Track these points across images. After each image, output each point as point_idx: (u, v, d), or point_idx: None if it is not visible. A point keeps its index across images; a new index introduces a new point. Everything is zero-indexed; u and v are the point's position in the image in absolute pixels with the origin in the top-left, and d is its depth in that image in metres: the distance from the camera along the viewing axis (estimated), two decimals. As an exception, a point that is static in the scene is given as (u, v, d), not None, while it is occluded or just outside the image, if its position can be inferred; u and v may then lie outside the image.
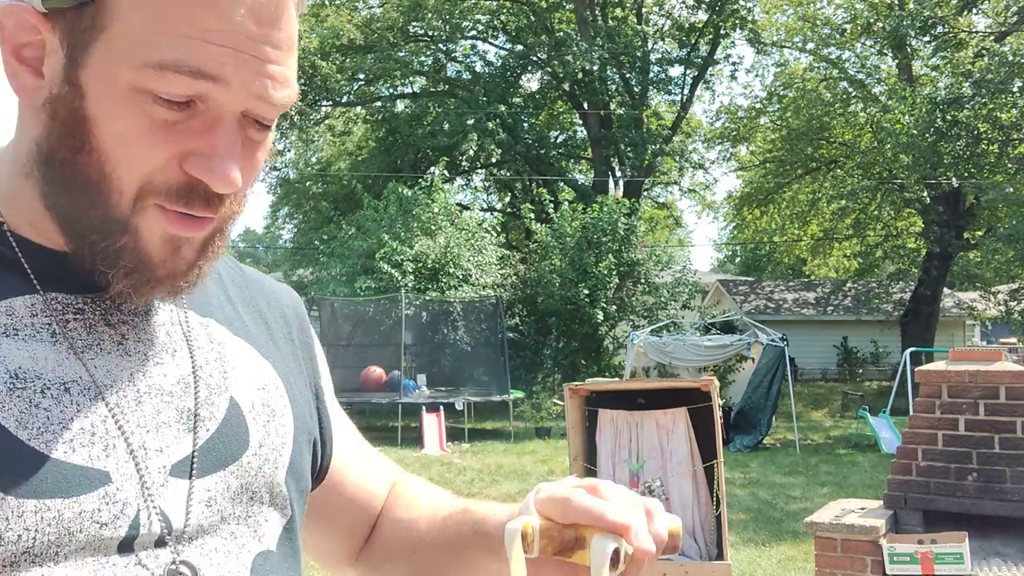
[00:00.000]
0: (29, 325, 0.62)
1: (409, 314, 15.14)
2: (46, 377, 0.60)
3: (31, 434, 0.58)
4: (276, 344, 0.80)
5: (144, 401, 0.65)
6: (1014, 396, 3.87)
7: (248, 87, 0.60)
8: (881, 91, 21.48)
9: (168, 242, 0.63)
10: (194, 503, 0.65)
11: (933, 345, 18.80)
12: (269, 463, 0.72)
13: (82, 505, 0.58)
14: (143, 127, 0.59)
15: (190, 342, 0.70)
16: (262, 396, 0.73)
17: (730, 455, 11.48)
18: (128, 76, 0.58)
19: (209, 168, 0.60)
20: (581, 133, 26.92)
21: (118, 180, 0.60)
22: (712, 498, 4.11)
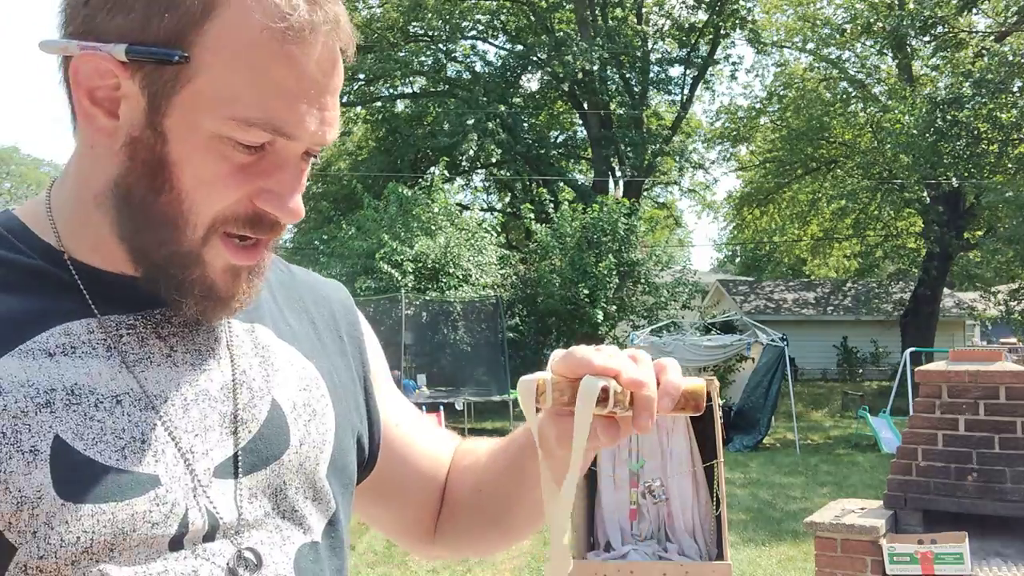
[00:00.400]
0: (86, 343, 0.67)
1: (409, 314, 15.14)
2: (99, 391, 0.66)
3: (86, 444, 0.64)
4: (322, 343, 0.85)
5: (191, 408, 0.70)
6: (1014, 396, 3.87)
7: (312, 136, 0.67)
8: (881, 91, 21.48)
9: (228, 271, 0.69)
10: (238, 500, 0.71)
11: (933, 345, 18.79)
12: (310, 460, 0.77)
13: (134, 507, 0.64)
14: (223, 171, 0.66)
15: (232, 349, 0.75)
16: (304, 396, 0.78)
17: (730, 455, 11.48)
18: (212, 125, 0.64)
19: (280, 204, 0.68)
20: (581, 133, 26.92)
21: (194, 216, 0.66)
22: (712, 498, 4.11)
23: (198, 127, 0.64)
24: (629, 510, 4.19)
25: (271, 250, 0.74)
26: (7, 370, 0.63)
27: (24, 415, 0.63)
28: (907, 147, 17.31)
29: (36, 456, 0.62)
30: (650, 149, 23.37)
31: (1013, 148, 17.24)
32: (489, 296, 16.31)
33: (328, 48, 0.67)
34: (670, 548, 4.12)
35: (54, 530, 0.61)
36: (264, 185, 0.67)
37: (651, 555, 4.07)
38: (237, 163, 0.66)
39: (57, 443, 0.63)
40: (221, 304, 0.70)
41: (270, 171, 0.67)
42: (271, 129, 0.65)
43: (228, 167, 0.65)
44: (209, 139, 0.65)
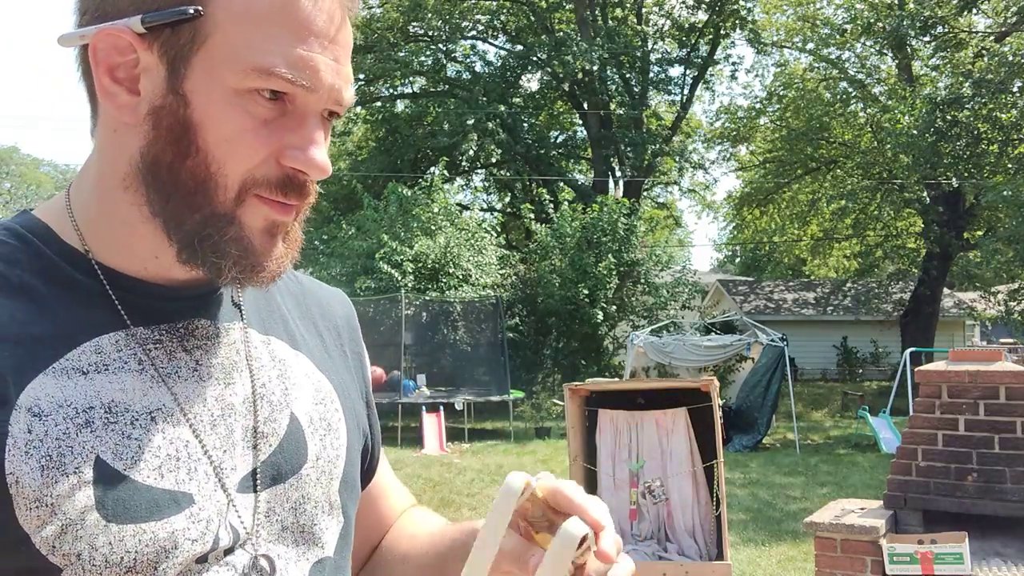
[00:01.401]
0: (117, 359, 0.68)
1: (409, 314, 15.14)
2: (134, 408, 0.67)
3: (126, 464, 0.65)
4: (330, 356, 0.86)
5: (218, 423, 0.71)
6: (1014, 396, 3.87)
7: (330, 91, 0.68)
8: (881, 91, 21.47)
9: (267, 231, 0.69)
10: (257, 515, 0.72)
11: (933, 345, 18.79)
12: (326, 475, 0.78)
13: (173, 525, 0.65)
14: (247, 126, 0.66)
15: (251, 362, 0.76)
16: (319, 411, 0.79)
17: (730, 455, 11.48)
18: (232, 79, 0.65)
19: (306, 159, 0.68)
20: (581, 133, 26.92)
21: (223, 177, 0.66)
22: (712, 498, 4.11)
23: (218, 84, 0.65)
24: (629, 510, 4.19)
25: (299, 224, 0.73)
26: (44, 390, 0.64)
27: (67, 436, 0.63)
28: (907, 147, 17.30)
29: (80, 478, 0.63)
30: (650, 149, 23.36)
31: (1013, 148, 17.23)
32: (489, 296, 16.31)
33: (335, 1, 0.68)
34: (670, 548, 4.11)
35: (98, 551, 0.62)
36: (288, 141, 0.67)
37: (651, 555, 4.07)
38: (260, 118, 0.66)
39: (99, 464, 0.64)
40: (259, 268, 0.69)
41: (292, 127, 0.68)
42: (290, 78, 0.65)
43: (251, 122, 0.66)
44: (230, 95, 0.65)
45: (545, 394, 16.90)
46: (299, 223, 0.73)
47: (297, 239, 0.73)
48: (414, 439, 12.92)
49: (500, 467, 10.76)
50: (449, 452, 12.22)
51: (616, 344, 17.84)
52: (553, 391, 16.83)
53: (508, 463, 11.09)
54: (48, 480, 0.61)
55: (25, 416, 0.62)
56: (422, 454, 11.89)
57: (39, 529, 0.61)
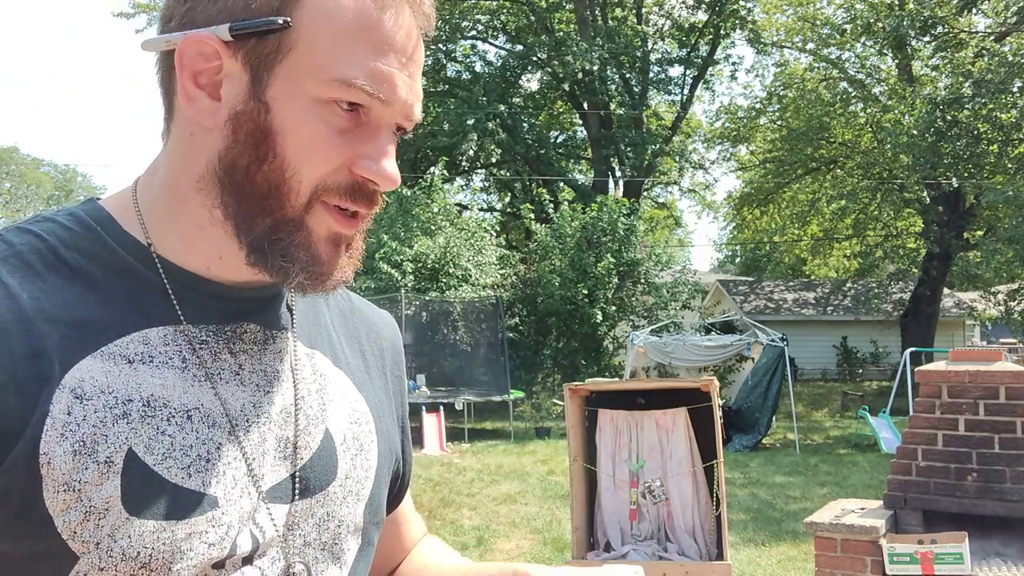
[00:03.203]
0: (162, 352, 0.69)
1: (409, 314, 15.14)
2: (172, 404, 0.67)
3: (156, 460, 0.65)
4: (371, 377, 0.86)
5: (252, 429, 0.71)
6: (1014, 396, 3.87)
7: (403, 106, 0.70)
8: (881, 91, 21.46)
9: (331, 240, 0.70)
10: (280, 527, 0.72)
11: (933, 345, 18.79)
12: (352, 495, 0.78)
13: (192, 527, 0.65)
14: (324, 135, 0.67)
15: (295, 373, 0.77)
16: (354, 430, 0.80)
17: (730, 455, 11.48)
18: (314, 89, 0.67)
19: (378, 169, 0.69)
20: (581, 133, 26.92)
21: (297, 183, 0.68)
22: (712, 498, 4.11)
23: (300, 93, 0.67)
24: (629, 510, 4.19)
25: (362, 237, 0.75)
26: (90, 372, 0.64)
27: (103, 425, 0.63)
28: (907, 147, 17.30)
29: (110, 468, 0.63)
30: (650, 149, 23.37)
31: (1013, 148, 17.23)
32: (489, 296, 16.31)
33: (412, 19, 0.71)
34: (670, 548, 4.11)
35: (117, 543, 0.62)
36: (361, 151, 0.69)
37: (651, 555, 4.07)
38: (336, 128, 0.68)
39: (129, 456, 0.64)
40: (324, 276, 0.71)
41: (366, 138, 0.69)
42: (369, 90, 0.67)
43: (328, 131, 0.67)
44: (311, 104, 0.67)
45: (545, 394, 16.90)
46: (362, 234, 0.75)
47: (359, 249, 0.75)
48: (414, 439, 12.92)
49: (500, 467, 10.77)
50: (449, 452, 12.22)
51: (616, 344, 17.84)
52: (553, 391, 16.83)
53: (508, 463, 11.09)
54: (78, 465, 0.62)
55: (67, 397, 0.63)
56: (422, 454, 11.89)
57: (63, 513, 0.61)
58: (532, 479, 9.90)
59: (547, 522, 7.77)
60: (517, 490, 9.25)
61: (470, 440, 13.30)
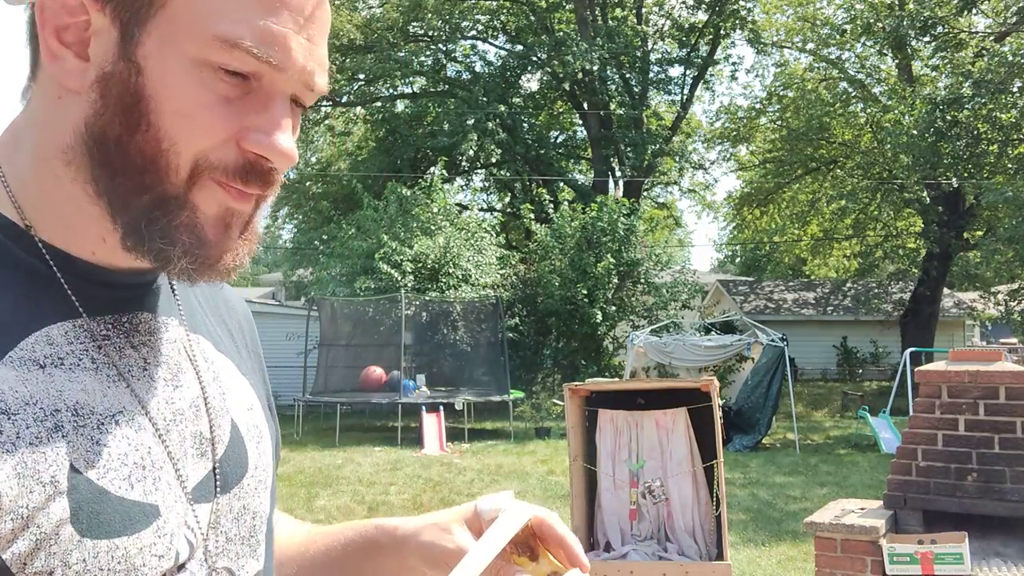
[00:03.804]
0: (71, 353, 0.62)
1: (409, 314, 15.14)
2: (98, 410, 0.61)
3: (99, 474, 0.59)
4: (243, 358, 0.80)
5: (172, 428, 0.66)
6: (1014, 396, 3.87)
7: (301, 72, 0.62)
8: (881, 91, 21.47)
9: (221, 219, 0.63)
10: (206, 527, 0.67)
11: (933, 345, 18.80)
12: (262, 484, 0.74)
13: (142, 541, 0.61)
14: (205, 101, 0.59)
15: (193, 362, 0.71)
16: (251, 417, 0.75)
17: (730, 455, 11.48)
18: (192, 48, 0.58)
19: (270, 143, 0.61)
20: (581, 133, 26.92)
21: (175, 156, 0.59)
22: (712, 498, 4.11)
23: (176, 53, 0.59)
24: (629, 510, 4.19)
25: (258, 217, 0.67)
26: (7, 383, 0.58)
27: (39, 441, 0.57)
28: (907, 147, 17.31)
29: (55, 488, 0.57)
30: (650, 149, 23.37)
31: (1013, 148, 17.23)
32: (489, 296, 16.31)
33: None
34: (670, 548, 4.11)
35: (71, 569, 0.57)
36: (251, 122, 0.61)
37: (651, 555, 4.07)
38: (220, 94, 0.59)
39: (72, 473, 0.58)
40: (212, 260, 0.63)
41: (257, 108, 0.61)
42: (257, 53, 0.59)
43: (210, 97, 0.59)
44: (189, 66, 0.59)
45: (545, 394, 16.90)
46: (260, 215, 0.67)
47: (256, 232, 0.67)
48: (414, 439, 12.92)
49: (500, 467, 10.76)
50: (449, 452, 12.22)
51: (616, 344, 17.84)
52: (553, 391, 16.83)
53: (508, 463, 11.09)
54: (23, 489, 0.56)
55: None
56: (422, 454, 11.89)
57: (10, 544, 0.55)
58: (532, 479, 9.90)
59: (547, 522, 7.76)
60: (517, 490, 9.25)
61: (470, 440, 13.29)
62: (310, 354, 15.62)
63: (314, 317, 16.01)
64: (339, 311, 16.15)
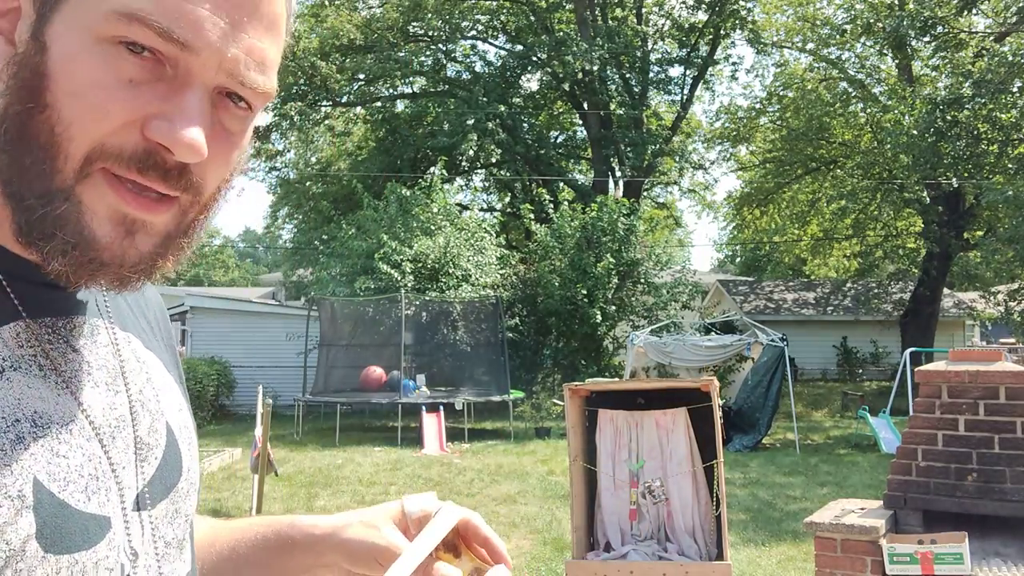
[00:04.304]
0: (21, 357, 0.59)
1: (409, 314, 15.14)
2: (54, 420, 0.59)
3: (60, 487, 0.58)
4: (163, 351, 0.77)
5: (116, 436, 0.64)
6: (1014, 396, 3.87)
7: (219, 56, 0.56)
8: (881, 91, 21.47)
9: (118, 222, 0.57)
10: (147, 535, 0.66)
11: (933, 345, 18.80)
12: (193, 486, 0.73)
13: (98, 554, 0.59)
14: (104, 81, 0.55)
15: (124, 366, 0.68)
16: (181, 418, 0.73)
17: (730, 455, 11.48)
18: (94, 25, 0.55)
19: (172, 131, 0.56)
20: (581, 133, 26.92)
21: (67, 141, 0.55)
22: (712, 498, 4.11)
23: (79, 30, 0.55)
24: (629, 510, 4.19)
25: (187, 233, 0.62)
26: None
27: (3, 454, 0.55)
28: (907, 147, 17.31)
29: (23, 503, 0.55)
30: (650, 149, 23.37)
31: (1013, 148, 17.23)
32: (489, 296, 16.31)
33: None
34: (670, 548, 4.11)
35: None
36: (157, 109, 0.56)
37: (651, 555, 4.07)
38: (123, 76, 0.55)
39: (36, 486, 0.56)
40: (99, 264, 0.58)
41: (167, 95, 0.56)
42: (156, 25, 0.54)
43: (109, 77, 0.55)
44: (91, 43, 0.55)
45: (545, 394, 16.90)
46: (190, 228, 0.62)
47: (183, 249, 0.62)
48: (414, 439, 12.92)
49: (500, 467, 10.76)
50: (449, 452, 12.22)
51: (616, 344, 17.85)
52: (553, 391, 16.83)
53: (508, 463, 11.09)
54: None
55: None
56: (422, 454, 11.89)
57: None
58: (532, 479, 9.90)
59: (547, 522, 7.77)
60: (517, 490, 9.25)
61: (470, 440, 13.29)
62: (310, 354, 15.62)
63: (314, 317, 16.02)
64: (339, 311, 16.15)
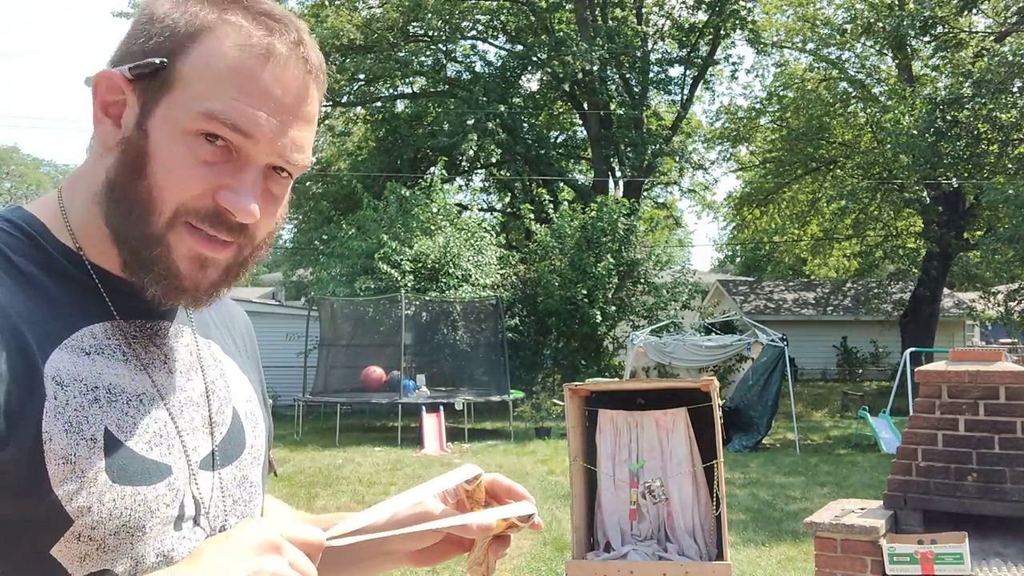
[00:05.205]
0: (107, 347, 0.81)
1: (409, 314, 15.13)
2: (127, 391, 0.80)
3: (126, 436, 0.78)
4: (243, 359, 1.01)
5: (184, 409, 0.86)
6: (1014, 396, 3.87)
7: (272, 145, 0.80)
8: (881, 91, 21.47)
9: (195, 260, 0.80)
10: (215, 489, 0.86)
11: (933, 345, 18.79)
12: (256, 460, 0.94)
13: (157, 491, 0.79)
14: (188, 161, 0.78)
15: (202, 362, 0.91)
16: (249, 407, 0.96)
17: (730, 455, 11.48)
18: (183, 122, 0.78)
19: (235, 200, 0.79)
20: (581, 133, 26.91)
21: (161, 202, 0.78)
22: (712, 498, 4.11)
23: (173, 123, 0.78)
24: (629, 510, 4.18)
25: (244, 266, 0.85)
26: (62, 363, 0.76)
27: (82, 408, 0.76)
28: (907, 147, 17.30)
29: (95, 444, 0.75)
30: (650, 149, 23.36)
31: (1013, 148, 17.23)
32: (489, 296, 16.30)
33: (293, 74, 0.80)
34: (670, 548, 4.11)
35: (104, 507, 0.74)
36: (225, 183, 0.79)
37: (651, 555, 4.07)
38: (201, 158, 0.78)
39: (107, 434, 0.76)
40: (181, 291, 0.81)
41: (233, 172, 0.79)
42: (227, 121, 0.77)
43: (192, 160, 0.78)
44: (179, 134, 0.78)
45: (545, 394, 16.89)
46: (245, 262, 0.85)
47: (239, 277, 0.86)
48: (414, 439, 12.92)
49: (500, 467, 10.76)
50: (449, 452, 12.21)
51: (616, 344, 17.84)
52: (553, 391, 16.82)
53: (508, 463, 11.09)
54: (71, 441, 0.74)
55: (52, 384, 0.75)
56: (422, 454, 11.89)
57: (62, 483, 0.72)
58: (532, 479, 9.90)
59: (547, 522, 7.77)
60: (517, 490, 9.25)
61: (470, 440, 13.29)
62: (310, 354, 15.61)
63: (314, 317, 16.01)
64: (339, 311, 16.15)
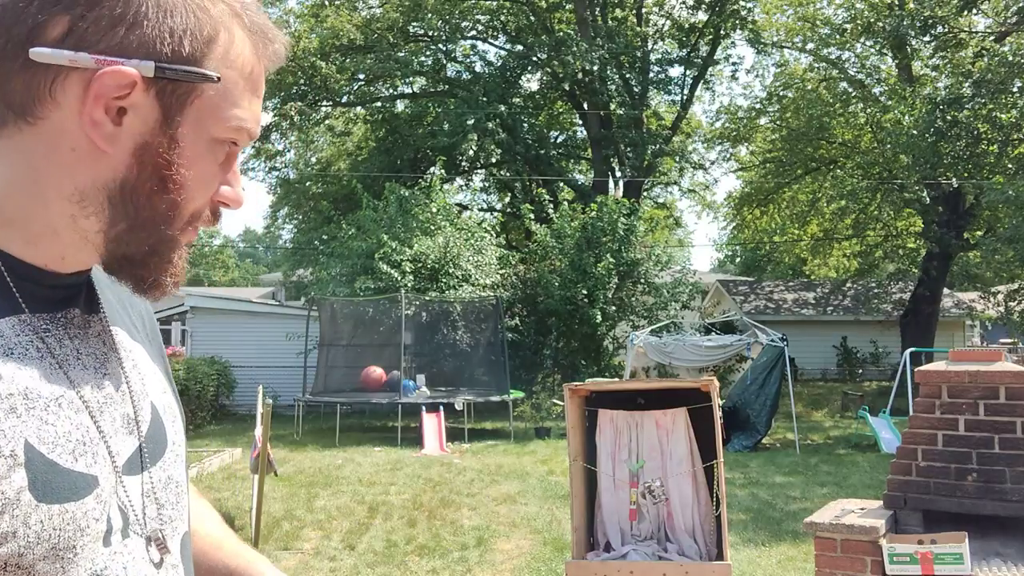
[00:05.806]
0: (18, 344, 0.72)
1: (409, 314, 15.13)
2: (44, 395, 0.72)
3: (49, 448, 0.70)
4: (149, 344, 0.93)
5: (105, 409, 0.77)
6: (1014, 396, 3.87)
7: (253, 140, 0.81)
8: (881, 91, 21.46)
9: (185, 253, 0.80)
10: (142, 496, 0.80)
11: (933, 345, 18.79)
12: (179, 457, 0.88)
13: (86, 506, 0.71)
14: (213, 168, 0.78)
15: (116, 352, 0.83)
16: (165, 399, 0.88)
17: (730, 455, 11.48)
18: (215, 131, 0.76)
19: (235, 195, 0.80)
20: (581, 133, 26.92)
21: (184, 209, 0.77)
22: (712, 498, 4.11)
23: (204, 132, 0.75)
24: (629, 510, 4.18)
25: None
26: None
27: None
28: (907, 147, 17.30)
29: (15, 460, 0.67)
30: (650, 149, 23.37)
31: (1013, 148, 17.23)
32: (489, 296, 16.30)
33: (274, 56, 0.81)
34: (670, 548, 4.11)
35: (31, 529, 0.67)
36: (224, 179, 0.79)
37: (651, 555, 4.07)
38: (219, 161, 0.78)
39: (27, 447, 0.68)
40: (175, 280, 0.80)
41: (227, 167, 0.79)
42: (252, 131, 0.78)
43: (214, 165, 0.77)
44: (209, 142, 0.76)
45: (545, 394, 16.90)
46: None
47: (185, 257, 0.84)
48: (414, 439, 12.92)
49: (500, 467, 10.76)
50: (449, 452, 12.22)
51: (616, 344, 17.84)
52: (553, 391, 16.83)
53: (508, 463, 11.09)
54: None
55: None
56: (422, 454, 11.89)
57: None
58: (532, 479, 9.90)
59: (547, 522, 7.77)
60: (517, 490, 9.25)
61: (470, 440, 13.29)
62: (310, 354, 15.61)
63: (314, 317, 16.01)
64: (339, 311, 16.15)
